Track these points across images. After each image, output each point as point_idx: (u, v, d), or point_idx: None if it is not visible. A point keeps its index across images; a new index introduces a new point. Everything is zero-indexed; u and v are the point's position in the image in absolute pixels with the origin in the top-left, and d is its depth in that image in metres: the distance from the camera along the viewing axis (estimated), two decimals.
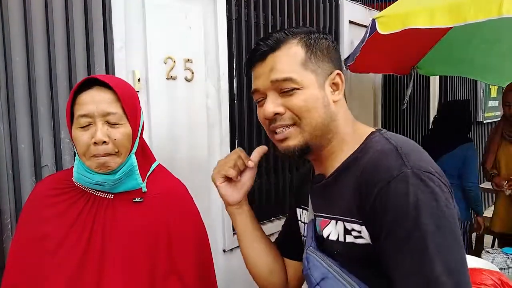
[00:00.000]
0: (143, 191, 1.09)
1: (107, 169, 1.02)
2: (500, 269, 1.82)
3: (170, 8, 2.01)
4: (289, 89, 0.88)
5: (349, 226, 0.85)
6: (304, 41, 0.91)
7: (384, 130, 0.93)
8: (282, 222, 1.25)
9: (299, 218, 1.08)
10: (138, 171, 1.07)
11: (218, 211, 2.36)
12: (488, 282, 1.32)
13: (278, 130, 0.91)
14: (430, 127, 3.63)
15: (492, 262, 1.88)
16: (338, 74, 0.93)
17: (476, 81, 5.63)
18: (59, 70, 1.68)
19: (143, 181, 1.11)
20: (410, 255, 0.73)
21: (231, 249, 2.44)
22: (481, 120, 6.00)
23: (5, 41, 1.53)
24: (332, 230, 0.89)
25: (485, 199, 5.18)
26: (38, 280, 1.02)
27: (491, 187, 3.15)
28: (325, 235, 0.91)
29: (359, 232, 0.83)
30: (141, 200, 1.09)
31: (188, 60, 2.10)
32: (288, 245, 1.12)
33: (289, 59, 0.89)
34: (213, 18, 2.25)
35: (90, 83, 1.03)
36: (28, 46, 1.58)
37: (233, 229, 2.48)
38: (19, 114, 1.58)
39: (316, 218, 0.96)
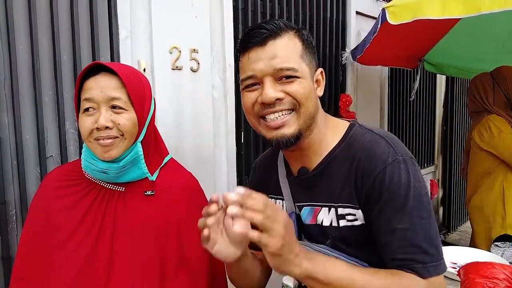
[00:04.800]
0: (149, 179, 1.07)
1: (110, 154, 1.00)
2: (510, 262, 1.80)
3: None
4: (291, 76, 0.91)
5: (342, 211, 0.94)
6: (299, 35, 0.95)
7: (360, 123, 1.00)
8: None
9: None
10: (144, 160, 1.05)
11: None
12: (501, 276, 1.30)
13: (272, 116, 0.92)
14: None
15: (502, 256, 1.86)
16: (321, 72, 0.99)
17: None
18: (63, 60, 1.66)
19: (154, 174, 1.08)
20: (400, 217, 0.87)
21: None
22: None
23: (9, 31, 1.51)
24: (324, 217, 0.97)
25: None
26: (47, 271, 1.01)
27: None
28: (319, 222, 0.98)
29: (354, 215, 0.93)
30: (153, 193, 1.07)
31: (194, 50, 2.07)
32: None
33: (291, 49, 0.92)
34: (220, 7, 2.22)
35: (98, 69, 1.02)
36: (32, 36, 1.56)
37: None
38: (23, 104, 1.56)
39: (303, 207, 1.01)
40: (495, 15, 1.77)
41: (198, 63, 2.09)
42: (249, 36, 0.93)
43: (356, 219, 0.93)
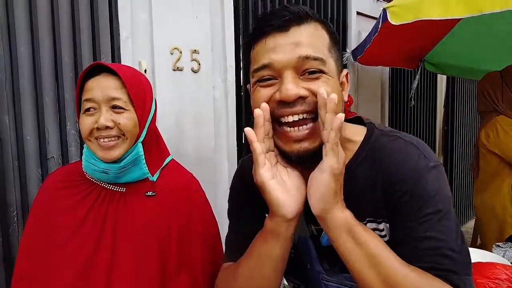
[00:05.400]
0: (150, 179, 1.07)
1: (111, 155, 1.00)
2: None
3: None
4: (317, 70, 0.76)
5: (370, 226, 0.81)
6: (327, 27, 0.81)
7: (376, 123, 0.88)
8: None
9: None
10: (145, 160, 1.05)
11: (224, 204, 2.33)
12: (503, 277, 1.29)
13: (291, 119, 0.76)
14: None
15: (503, 257, 1.85)
16: (346, 73, 0.84)
17: None
18: (64, 61, 1.66)
19: (155, 174, 1.08)
20: (430, 226, 0.77)
21: None
22: None
23: (10, 32, 1.51)
24: None
25: None
26: (48, 272, 1.02)
27: None
28: None
29: (382, 230, 0.82)
30: (153, 194, 1.07)
31: (195, 51, 2.07)
32: None
33: (318, 39, 0.78)
34: (220, 8, 2.22)
35: (99, 70, 1.02)
36: (33, 37, 1.56)
37: None
38: (24, 105, 1.56)
39: (323, 232, 0.84)
40: (496, 15, 1.77)
41: (199, 64, 2.09)
42: (266, 19, 0.77)
43: (384, 235, 0.82)
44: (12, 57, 1.52)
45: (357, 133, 0.87)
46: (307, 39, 0.76)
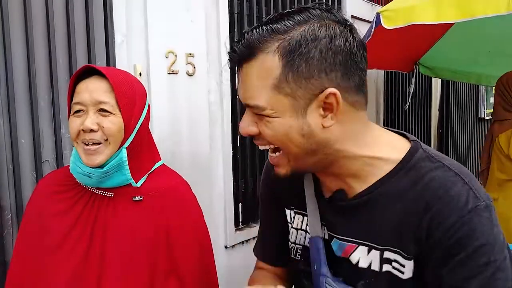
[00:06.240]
0: (133, 185, 1.07)
1: (93, 161, 1.00)
2: None
3: (172, 2, 1.98)
4: (260, 114, 0.72)
5: (390, 255, 0.75)
6: (285, 47, 0.68)
7: (423, 145, 0.78)
8: None
9: (289, 221, 0.93)
10: (128, 166, 1.05)
11: (220, 207, 2.35)
12: None
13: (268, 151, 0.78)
14: None
15: None
16: (331, 93, 0.69)
17: None
18: (59, 64, 1.66)
19: (140, 180, 1.08)
20: (484, 283, 0.68)
21: (233, 246, 2.42)
22: (483, 116, 5.98)
23: (4, 35, 1.51)
24: (361, 256, 0.77)
25: None
26: (40, 276, 1.02)
27: None
28: (353, 261, 0.79)
29: (403, 266, 0.73)
30: (141, 198, 1.07)
31: (190, 55, 2.07)
32: (276, 251, 0.99)
33: (260, 79, 0.70)
34: (215, 12, 2.23)
35: (90, 73, 1.03)
36: (28, 40, 1.56)
37: (235, 226, 2.48)
38: (19, 109, 1.56)
39: (333, 239, 0.82)
40: (488, 19, 1.79)
41: (194, 67, 2.10)
42: (230, 54, 0.75)
43: (403, 272, 0.73)
44: (7, 61, 1.52)
45: (395, 148, 0.78)
46: (248, 83, 0.72)
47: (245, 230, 2.50)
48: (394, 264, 0.74)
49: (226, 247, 2.40)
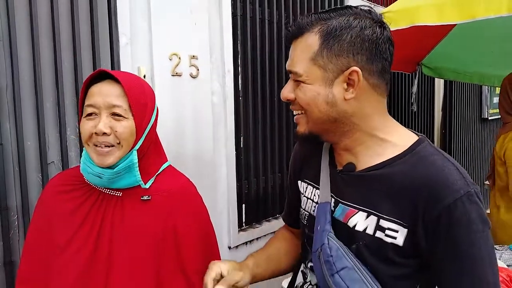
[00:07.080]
0: (142, 187, 1.08)
1: (105, 161, 1.02)
2: (508, 265, 1.81)
3: (176, 4, 2.00)
4: (297, 80, 0.90)
5: (385, 224, 0.86)
6: (324, 30, 0.87)
7: (429, 141, 0.92)
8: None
9: (301, 191, 1.09)
10: (138, 168, 1.06)
11: (223, 208, 2.36)
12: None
13: (295, 113, 0.95)
14: None
15: (499, 259, 1.87)
16: (354, 71, 0.85)
17: None
18: (64, 67, 1.68)
19: (149, 181, 1.10)
20: (469, 261, 0.81)
21: (236, 246, 2.43)
22: (486, 116, 5.96)
23: (11, 39, 1.53)
24: (359, 221, 0.90)
25: None
26: (49, 275, 1.04)
27: None
28: (350, 225, 0.91)
29: (397, 231, 0.85)
30: (149, 198, 1.09)
31: (194, 57, 2.09)
32: (294, 215, 1.16)
33: (302, 52, 0.89)
34: (218, 14, 2.24)
35: (104, 76, 1.04)
36: (33, 43, 1.58)
37: (239, 226, 2.49)
38: (25, 111, 1.58)
39: (339, 204, 0.94)
40: (491, 19, 1.79)
41: (198, 69, 2.11)
42: (285, 33, 0.96)
43: (395, 237, 0.85)
44: (13, 63, 1.53)
45: (404, 138, 0.92)
46: (293, 53, 0.92)
47: (248, 231, 2.51)
48: (387, 231, 0.86)
49: (229, 247, 2.41)
